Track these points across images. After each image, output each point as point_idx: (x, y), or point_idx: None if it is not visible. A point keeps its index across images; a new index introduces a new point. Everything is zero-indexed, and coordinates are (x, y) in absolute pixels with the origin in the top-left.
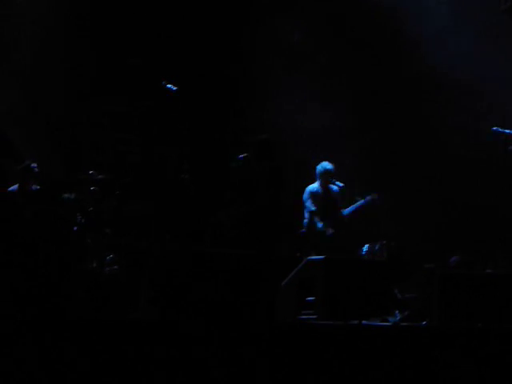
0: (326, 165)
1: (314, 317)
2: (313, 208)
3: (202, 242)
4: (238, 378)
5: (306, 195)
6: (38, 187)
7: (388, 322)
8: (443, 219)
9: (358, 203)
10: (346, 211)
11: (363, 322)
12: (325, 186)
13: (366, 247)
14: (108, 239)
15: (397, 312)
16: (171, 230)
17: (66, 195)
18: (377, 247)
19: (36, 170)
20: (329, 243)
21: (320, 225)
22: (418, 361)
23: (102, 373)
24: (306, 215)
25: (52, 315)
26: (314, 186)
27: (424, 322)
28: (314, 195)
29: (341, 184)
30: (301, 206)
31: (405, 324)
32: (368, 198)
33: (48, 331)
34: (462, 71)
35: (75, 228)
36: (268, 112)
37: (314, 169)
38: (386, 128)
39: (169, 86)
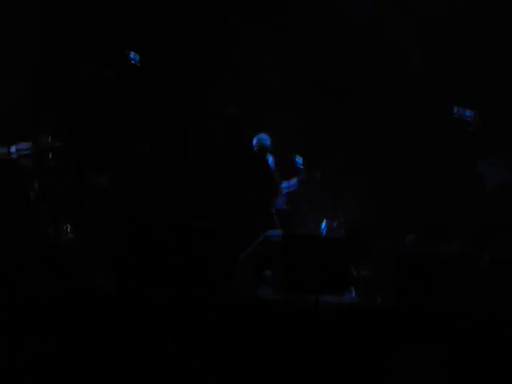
0: (263, 137)
1: (271, 292)
2: None
3: (161, 213)
4: (193, 352)
5: None
6: None
7: (344, 298)
8: (400, 197)
9: (292, 182)
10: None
11: (319, 297)
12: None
13: (323, 224)
14: (65, 208)
15: (352, 289)
16: (130, 201)
17: (24, 161)
18: (335, 224)
19: None
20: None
21: None
22: (371, 338)
23: (59, 344)
24: None
25: (8, 283)
26: None
27: (378, 300)
28: None
29: (300, 159)
30: None
31: (360, 301)
32: (301, 175)
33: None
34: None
35: (32, 195)
36: (236, 84)
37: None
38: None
39: (132, 54)
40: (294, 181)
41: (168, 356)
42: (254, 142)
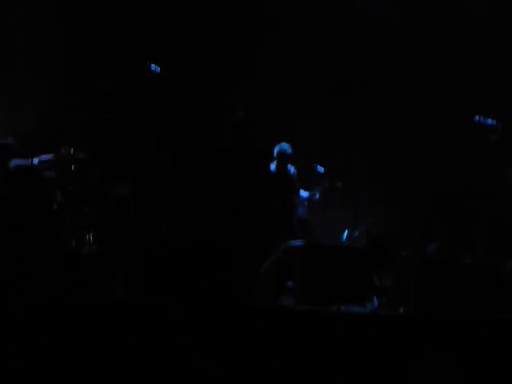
0: (284, 147)
1: (293, 302)
2: None
3: (183, 223)
4: (215, 362)
5: None
6: (17, 164)
7: (366, 308)
8: (422, 207)
9: (313, 191)
10: (305, 195)
11: (341, 308)
12: (281, 167)
13: (345, 233)
14: (87, 219)
15: (375, 299)
16: (151, 210)
17: (47, 173)
18: (356, 234)
19: (14, 146)
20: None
21: None
22: (393, 348)
23: (79, 356)
24: None
25: (31, 295)
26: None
27: (401, 310)
28: None
29: (322, 169)
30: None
31: (382, 311)
32: (323, 185)
33: (25, 313)
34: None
35: (55, 206)
36: (252, 93)
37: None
38: (363, 117)
39: (153, 66)
40: (315, 190)
41: (191, 367)
42: (275, 151)
